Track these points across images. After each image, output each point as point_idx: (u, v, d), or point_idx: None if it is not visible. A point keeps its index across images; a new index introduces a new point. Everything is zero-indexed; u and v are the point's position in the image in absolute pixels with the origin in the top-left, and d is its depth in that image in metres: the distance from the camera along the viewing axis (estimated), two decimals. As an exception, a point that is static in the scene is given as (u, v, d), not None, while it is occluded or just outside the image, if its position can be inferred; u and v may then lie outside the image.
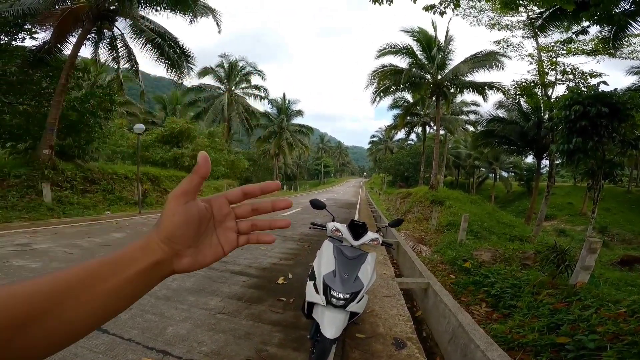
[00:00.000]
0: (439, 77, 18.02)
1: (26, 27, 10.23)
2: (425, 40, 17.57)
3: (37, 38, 10.64)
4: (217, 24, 13.53)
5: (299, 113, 39.35)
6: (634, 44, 10.86)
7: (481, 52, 16.49)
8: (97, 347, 2.41)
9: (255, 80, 30.47)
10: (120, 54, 12.78)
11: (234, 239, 0.48)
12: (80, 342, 2.40)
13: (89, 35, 11.53)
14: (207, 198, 0.46)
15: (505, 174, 47.78)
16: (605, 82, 8.34)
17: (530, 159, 35.53)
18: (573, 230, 24.12)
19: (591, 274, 3.78)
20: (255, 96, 30.54)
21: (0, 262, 4.29)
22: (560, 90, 13.58)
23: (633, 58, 11.52)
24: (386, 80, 18.54)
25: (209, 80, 28.85)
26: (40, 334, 0.33)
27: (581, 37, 11.18)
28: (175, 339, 2.62)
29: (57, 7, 10.22)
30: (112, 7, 11.11)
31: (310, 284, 2.32)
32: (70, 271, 0.36)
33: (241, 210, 0.49)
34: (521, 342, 2.84)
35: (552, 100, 12.26)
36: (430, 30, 17.51)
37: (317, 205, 2.90)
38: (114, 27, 12.01)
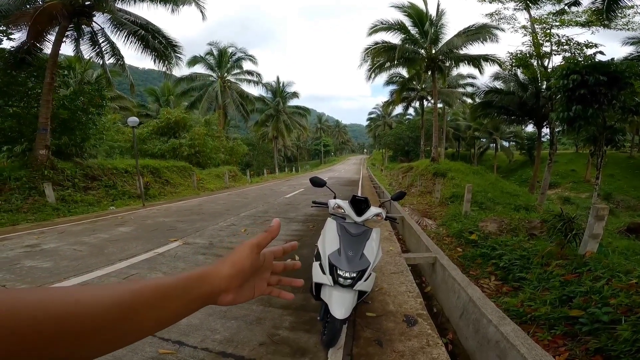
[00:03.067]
0: (433, 51, 17.88)
1: (1, 28, 9.95)
2: (417, 15, 17.36)
3: (14, 39, 10.40)
4: (202, 12, 13.10)
5: (295, 95, 38.99)
6: (628, 15, 10.81)
7: (474, 25, 16.29)
8: (115, 342, 2.45)
9: (247, 65, 29.99)
10: (103, 49, 12.49)
11: (264, 287, 0.58)
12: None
13: (68, 32, 11.23)
14: (264, 250, 0.55)
15: (506, 144, 47.52)
16: (601, 52, 8.28)
17: (530, 128, 35.25)
18: (578, 198, 24.14)
19: (599, 243, 3.75)
20: (249, 81, 30.10)
21: (12, 264, 4.32)
22: (556, 60, 13.54)
23: (628, 29, 11.49)
24: (380, 57, 18.34)
25: (199, 68, 28.39)
26: (104, 342, 0.36)
27: (574, 8, 11.15)
28: (189, 329, 2.64)
29: (28, 6, 9.95)
30: (87, 3, 10.76)
31: (316, 265, 2.30)
32: (147, 287, 0.41)
33: (276, 267, 0.61)
34: (534, 315, 2.83)
35: (549, 70, 12.22)
36: (421, 5, 17.32)
37: (317, 182, 2.87)
38: (93, 23, 11.68)
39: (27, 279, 3.74)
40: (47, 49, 10.74)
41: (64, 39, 10.83)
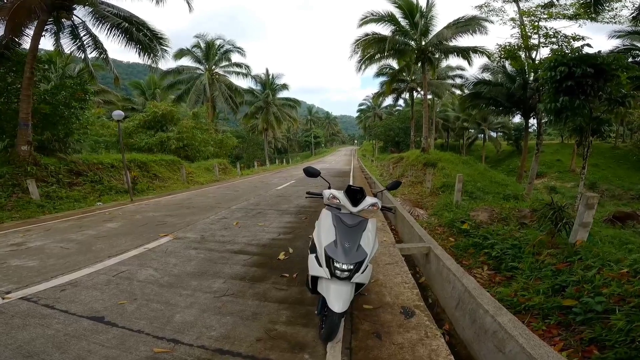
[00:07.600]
0: (423, 43, 18.02)
1: None
2: (407, 7, 17.46)
3: None
4: (188, 3, 12.75)
5: (284, 87, 38.71)
6: (615, 8, 11.12)
7: (463, 17, 16.46)
8: (109, 342, 2.38)
9: (235, 57, 29.49)
10: (85, 43, 12.06)
11: None
12: (91, 338, 2.37)
13: (47, 26, 10.85)
14: None
15: (494, 134, 48.12)
16: (589, 45, 8.38)
17: (517, 119, 35.82)
18: (563, 187, 24.70)
19: (589, 232, 3.79)
20: (238, 73, 29.64)
21: (-3, 264, 4.17)
22: (544, 52, 13.80)
23: (615, 22, 11.81)
24: (370, 49, 18.37)
25: (186, 61, 27.80)
26: None
27: (562, 1, 11.45)
28: (184, 326, 2.59)
29: (5, 0, 9.56)
30: (66, -5, 10.38)
31: (312, 257, 2.24)
32: None
33: None
34: (528, 305, 2.85)
35: (537, 62, 12.42)
36: (411, -3, 17.34)
37: (311, 172, 2.83)
38: (73, 16, 11.28)
39: (14, 279, 3.62)
40: (26, 43, 10.37)
41: (43, 33, 10.44)
